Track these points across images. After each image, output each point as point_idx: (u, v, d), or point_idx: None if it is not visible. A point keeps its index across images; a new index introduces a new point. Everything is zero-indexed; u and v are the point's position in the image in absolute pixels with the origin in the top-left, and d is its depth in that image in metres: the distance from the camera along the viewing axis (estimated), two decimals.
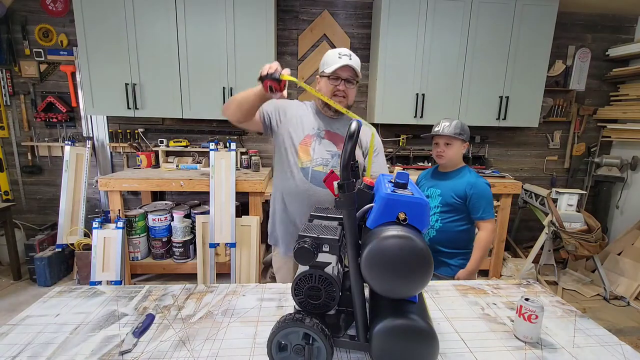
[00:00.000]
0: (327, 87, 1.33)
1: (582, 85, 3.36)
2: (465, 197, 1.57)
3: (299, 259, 0.70)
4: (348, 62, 1.28)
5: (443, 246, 1.63)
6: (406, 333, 0.66)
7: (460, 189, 1.58)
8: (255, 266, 2.63)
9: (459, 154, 1.64)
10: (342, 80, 1.31)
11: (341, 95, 1.32)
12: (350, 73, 1.30)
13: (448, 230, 1.61)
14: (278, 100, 1.33)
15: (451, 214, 1.60)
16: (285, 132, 1.37)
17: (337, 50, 1.32)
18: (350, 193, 0.70)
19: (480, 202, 1.56)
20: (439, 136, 1.61)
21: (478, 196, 1.56)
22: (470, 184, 1.57)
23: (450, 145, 1.60)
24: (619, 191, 3.36)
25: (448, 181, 1.64)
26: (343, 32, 3.16)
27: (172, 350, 0.77)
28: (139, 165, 3.06)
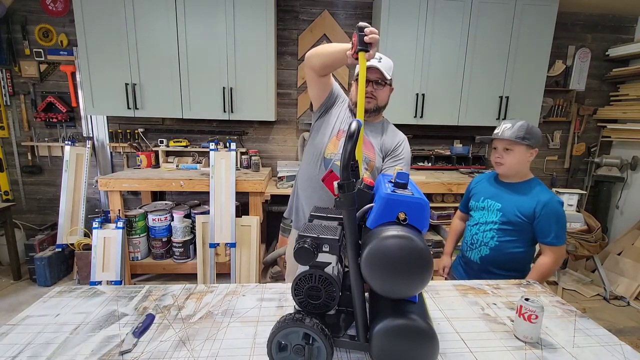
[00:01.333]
0: (356, 90, 1.36)
1: (582, 85, 3.36)
2: (534, 217, 1.34)
3: (299, 259, 0.70)
4: (375, 64, 1.30)
5: (497, 267, 1.43)
6: (406, 333, 0.66)
7: (528, 207, 1.34)
8: (255, 266, 2.63)
9: (524, 163, 1.39)
10: (370, 82, 1.33)
11: (369, 97, 1.34)
12: (377, 75, 1.32)
13: (504, 250, 1.40)
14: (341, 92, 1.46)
15: (512, 233, 1.38)
16: (331, 120, 1.42)
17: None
18: (350, 193, 0.70)
19: (552, 225, 1.32)
20: (497, 140, 1.39)
21: (550, 218, 1.32)
22: (542, 203, 1.32)
23: (510, 152, 1.36)
24: (619, 191, 3.36)
25: (512, 195, 1.40)
26: (343, 32, 3.16)
27: (172, 350, 0.77)
28: (139, 165, 3.06)
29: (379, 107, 1.38)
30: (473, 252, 1.48)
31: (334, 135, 1.39)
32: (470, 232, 1.51)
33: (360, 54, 1.02)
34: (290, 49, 3.18)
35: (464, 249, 1.55)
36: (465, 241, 1.54)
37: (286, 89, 3.25)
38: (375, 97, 1.35)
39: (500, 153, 1.39)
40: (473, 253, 1.48)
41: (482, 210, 1.48)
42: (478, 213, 1.50)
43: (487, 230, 1.43)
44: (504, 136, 1.35)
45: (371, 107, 1.36)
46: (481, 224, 1.46)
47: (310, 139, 1.49)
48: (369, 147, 1.40)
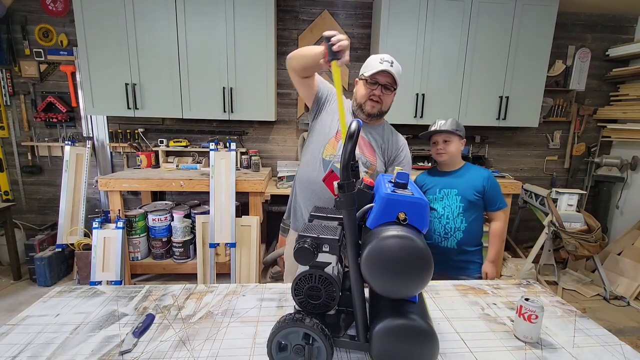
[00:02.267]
0: (363, 90, 1.34)
1: (582, 85, 3.36)
2: (483, 191, 1.59)
3: (299, 259, 0.70)
4: (388, 68, 1.28)
5: (469, 246, 1.62)
6: (406, 333, 0.66)
7: (479, 184, 1.59)
8: (255, 266, 2.63)
9: (459, 151, 1.64)
10: (379, 85, 1.31)
11: (375, 100, 1.32)
12: (389, 79, 1.30)
13: (472, 228, 1.60)
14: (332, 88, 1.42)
15: (472, 211, 1.60)
16: (326, 120, 1.39)
17: (379, 56, 1.33)
18: (350, 193, 0.70)
19: (497, 193, 1.60)
20: (436, 134, 1.62)
21: (494, 187, 1.60)
22: (485, 177, 1.60)
23: (449, 142, 1.60)
24: (619, 191, 3.36)
25: (461, 178, 1.62)
26: (343, 32, 3.16)
27: (172, 350, 0.77)
28: (139, 165, 3.06)
29: (382, 112, 1.37)
30: (449, 241, 1.62)
31: (332, 136, 1.36)
32: (441, 223, 1.63)
33: (333, 63, 1.04)
34: (290, 49, 3.14)
35: (437, 240, 1.65)
36: (438, 233, 1.65)
37: (286, 89, 3.25)
38: (381, 101, 1.33)
39: (442, 145, 1.62)
40: (449, 241, 1.62)
41: (442, 200, 1.63)
42: (439, 204, 1.64)
43: (456, 216, 1.60)
44: (443, 128, 1.59)
45: (375, 112, 1.35)
46: (448, 213, 1.61)
47: (308, 140, 1.47)
48: (370, 151, 1.38)
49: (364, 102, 1.34)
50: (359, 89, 1.38)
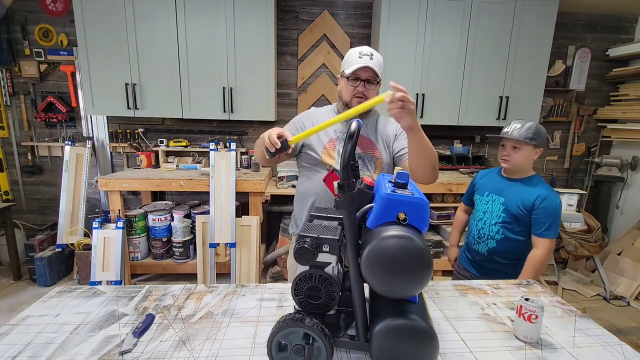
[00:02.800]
0: (347, 89, 1.31)
1: (582, 85, 3.36)
2: (532, 208, 1.42)
3: (299, 259, 0.70)
4: (368, 62, 1.24)
5: (504, 258, 1.51)
6: (406, 333, 0.66)
7: (529, 200, 1.42)
8: (255, 266, 2.63)
9: (529, 161, 1.48)
10: (361, 81, 1.27)
11: (360, 96, 1.29)
12: (370, 74, 1.26)
13: (509, 242, 1.48)
14: (297, 119, 1.40)
15: (514, 225, 1.47)
16: (308, 146, 1.35)
17: (358, 49, 1.28)
18: (350, 193, 0.70)
19: (548, 218, 1.40)
20: (506, 138, 1.47)
21: (547, 211, 1.40)
22: (542, 196, 1.41)
23: (518, 150, 1.45)
24: (619, 191, 3.36)
25: (515, 189, 1.48)
26: (343, 32, 3.16)
27: (172, 350, 0.77)
28: (139, 165, 3.06)
29: None
30: (480, 245, 1.56)
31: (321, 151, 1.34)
32: (477, 226, 1.58)
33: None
34: (290, 49, 3.18)
35: (470, 242, 1.61)
36: (472, 235, 1.60)
37: (286, 89, 3.25)
38: (367, 97, 1.29)
39: (509, 151, 1.47)
40: (480, 246, 1.56)
41: (486, 204, 1.56)
42: (482, 206, 1.57)
43: (493, 224, 1.52)
44: (513, 136, 1.43)
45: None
46: (487, 219, 1.54)
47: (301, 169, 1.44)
48: (370, 146, 1.36)
49: (350, 100, 1.30)
50: (342, 87, 1.34)
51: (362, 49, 1.28)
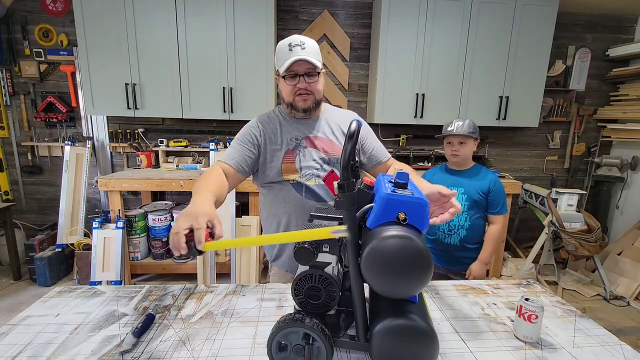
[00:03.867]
0: (286, 88, 1.14)
1: (582, 85, 3.36)
2: (488, 192, 1.65)
3: (299, 259, 0.70)
4: (300, 54, 1.07)
5: (471, 243, 1.68)
6: (406, 333, 0.66)
7: (485, 186, 1.65)
8: (255, 266, 2.63)
9: (471, 153, 1.69)
10: (300, 76, 1.11)
11: (305, 93, 1.14)
12: (307, 66, 1.09)
13: (474, 226, 1.66)
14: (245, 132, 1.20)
15: (475, 210, 1.66)
16: (263, 165, 1.21)
17: (287, 41, 1.10)
18: (350, 193, 0.69)
19: (500, 197, 1.66)
20: (452, 136, 1.65)
21: (499, 192, 1.65)
22: (493, 180, 1.65)
23: (464, 144, 1.65)
24: (619, 191, 3.36)
25: (470, 179, 1.69)
26: (343, 32, 3.16)
27: (172, 350, 0.77)
28: (139, 165, 3.06)
29: (318, 100, 1.18)
30: (452, 237, 1.69)
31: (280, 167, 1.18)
32: None
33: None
34: None
35: (440, 237, 1.72)
36: (442, 230, 1.71)
37: None
38: (311, 91, 1.14)
39: (457, 147, 1.66)
40: (452, 238, 1.69)
41: None
42: None
43: (461, 214, 1.64)
44: (459, 132, 1.62)
45: (310, 105, 1.16)
46: None
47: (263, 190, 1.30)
48: (331, 146, 1.21)
49: (293, 100, 1.15)
50: (282, 87, 1.16)
51: (292, 38, 1.10)
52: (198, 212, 0.76)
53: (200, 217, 0.75)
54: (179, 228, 0.73)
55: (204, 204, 0.83)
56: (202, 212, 0.77)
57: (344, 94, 3.25)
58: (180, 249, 0.72)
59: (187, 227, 0.73)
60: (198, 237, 0.72)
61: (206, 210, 0.79)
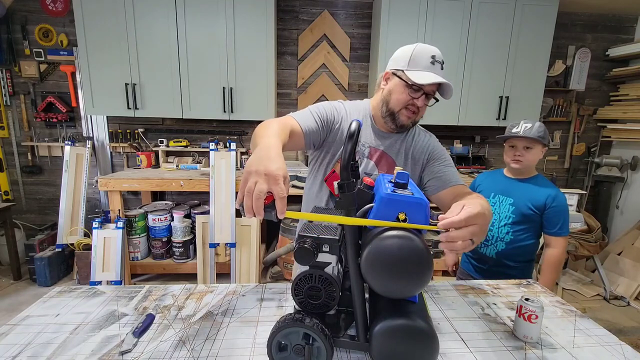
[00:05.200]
0: (400, 95, 1.05)
1: (582, 85, 3.36)
2: (544, 208, 1.42)
3: (299, 259, 0.70)
4: (441, 78, 0.99)
5: (512, 260, 1.48)
6: (406, 333, 0.66)
7: (540, 200, 1.42)
8: (255, 266, 2.63)
9: (537, 161, 1.47)
10: (424, 94, 1.02)
11: (415, 112, 1.06)
12: (435, 89, 1.03)
13: (518, 243, 1.45)
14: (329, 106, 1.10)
15: (524, 225, 1.45)
16: (326, 150, 1.12)
17: (429, 50, 1.04)
18: (350, 193, 0.70)
19: (560, 216, 1.42)
20: (518, 138, 1.43)
21: (559, 209, 1.41)
22: (552, 195, 1.42)
23: (530, 150, 1.43)
24: (619, 191, 3.36)
25: (523, 189, 1.46)
26: (343, 32, 3.16)
27: (172, 350, 0.77)
28: (139, 165, 3.06)
29: (416, 122, 1.11)
30: (488, 249, 1.51)
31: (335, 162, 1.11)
32: None
33: None
34: (290, 49, 3.18)
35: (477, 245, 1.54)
36: None
37: (286, 89, 3.25)
38: (419, 112, 1.07)
39: (521, 151, 1.44)
40: (489, 249, 1.51)
41: (493, 205, 1.50)
42: None
43: (502, 225, 1.48)
44: (527, 135, 1.40)
45: (409, 123, 1.09)
46: (495, 220, 1.49)
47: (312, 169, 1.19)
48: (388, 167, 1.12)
49: (399, 111, 1.05)
50: (394, 89, 1.06)
51: (435, 51, 1.03)
52: (278, 172, 0.63)
53: (281, 180, 0.63)
54: (259, 192, 0.61)
55: (279, 156, 0.69)
56: (282, 172, 0.64)
57: (344, 94, 3.25)
58: (258, 215, 0.63)
59: (267, 191, 0.62)
60: (282, 207, 0.63)
61: (284, 168, 0.66)
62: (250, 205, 0.62)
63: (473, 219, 0.66)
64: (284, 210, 0.63)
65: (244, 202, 0.63)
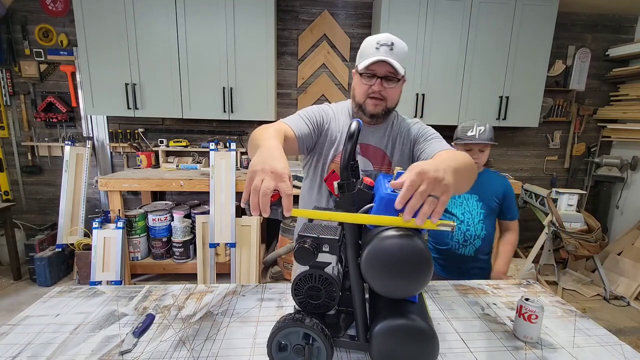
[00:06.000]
0: (360, 87, 1.08)
1: (582, 85, 3.36)
2: (503, 198, 1.51)
3: (299, 259, 0.70)
4: (386, 55, 0.99)
5: (484, 254, 1.53)
6: (406, 333, 0.66)
7: (499, 190, 1.50)
8: (255, 266, 2.63)
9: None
10: (378, 78, 1.03)
11: (377, 97, 1.06)
12: (389, 69, 1.01)
13: (489, 236, 1.52)
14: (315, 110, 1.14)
15: (491, 218, 1.51)
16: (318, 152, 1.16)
17: (376, 38, 1.03)
18: (350, 193, 0.70)
19: (513, 202, 1.53)
20: (474, 143, 1.47)
21: (513, 196, 1.52)
22: (506, 185, 1.51)
23: (484, 152, 1.49)
24: (619, 191, 3.36)
25: (483, 184, 1.48)
26: (343, 32, 3.16)
27: (172, 350, 0.77)
28: (139, 165, 3.06)
29: (388, 109, 1.11)
30: (467, 248, 1.52)
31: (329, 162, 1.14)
32: (460, 229, 1.53)
33: None
34: (290, 49, 3.18)
35: (454, 247, 1.53)
36: (456, 240, 1.53)
37: (286, 89, 3.25)
38: (385, 97, 1.06)
39: (477, 154, 1.49)
40: (467, 249, 1.52)
41: (461, 205, 1.54)
42: (457, 209, 1.53)
43: (477, 223, 1.51)
44: (482, 139, 1.46)
45: (379, 111, 1.09)
46: (468, 219, 1.52)
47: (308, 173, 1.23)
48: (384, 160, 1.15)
49: (364, 102, 1.08)
50: (356, 84, 1.10)
51: (381, 37, 1.02)
52: (284, 171, 0.65)
53: (287, 178, 0.64)
54: (266, 189, 0.62)
55: (283, 157, 0.71)
56: (287, 171, 0.65)
57: (344, 94, 3.25)
58: (264, 213, 0.63)
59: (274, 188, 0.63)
60: (289, 204, 0.63)
61: (288, 168, 0.67)
62: (257, 203, 0.62)
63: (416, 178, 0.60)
64: (291, 207, 0.63)
65: (250, 199, 0.64)
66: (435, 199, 0.60)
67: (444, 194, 0.60)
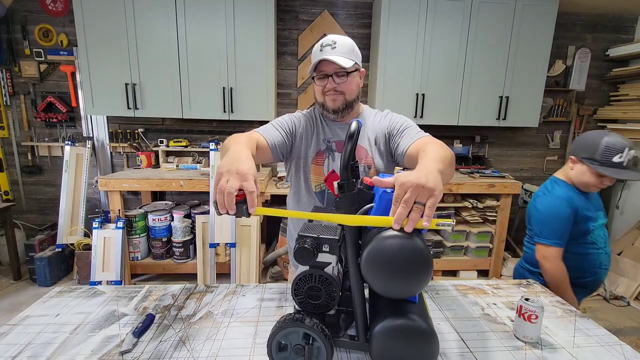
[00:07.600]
0: (317, 89, 1.14)
1: (582, 85, 3.36)
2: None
3: (299, 259, 0.70)
4: (327, 56, 1.04)
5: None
6: (406, 333, 0.66)
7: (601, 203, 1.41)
8: (255, 266, 2.63)
9: None
10: (329, 77, 1.08)
11: (334, 93, 1.10)
12: (335, 66, 1.05)
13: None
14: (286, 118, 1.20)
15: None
16: (296, 156, 1.20)
17: (320, 42, 1.09)
18: (350, 193, 0.70)
19: None
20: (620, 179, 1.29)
21: None
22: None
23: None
24: (619, 191, 3.36)
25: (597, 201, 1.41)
26: (343, 32, 3.16)
27: (172, 350, 0.77)
28: (139, 165, 3.06)
29: (349, 101, 1.12)
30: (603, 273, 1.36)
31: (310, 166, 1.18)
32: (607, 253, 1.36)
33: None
34: (290, 49, 3.18)
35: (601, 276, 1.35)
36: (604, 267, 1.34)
37: (286, 89, 3.25)
38: (342, 91, 1.10)
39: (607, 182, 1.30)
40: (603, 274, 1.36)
41: (600, 228, 1.35)
42: (600, 231, 1.34)
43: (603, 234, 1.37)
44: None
45: (339, 106, 1.12)
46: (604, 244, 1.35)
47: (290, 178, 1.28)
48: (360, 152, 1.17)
49: (323, 100, 1.13)
50: (314, 88, 1.16)
51: (324, 39, 1.08)
52: (248, 171, 0.71)
53: (251, 178, 0.70)
54: (230, 188, 0.67)
55: (249, 159, 0.77)
56: (252, 172, 0.72)
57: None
58: (230, 210, 0.68)
59: (238, 188, 0.68)
60: (252, 201, 0.68)
61: (253, 169, 0.74)
62: (223, 201, 0.67)
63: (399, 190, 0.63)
64: (254, 204, 0.69)
65: (217, 199, 0.68)
66: (422, 205, 0.62)
67: (430, 198, 0.62)
